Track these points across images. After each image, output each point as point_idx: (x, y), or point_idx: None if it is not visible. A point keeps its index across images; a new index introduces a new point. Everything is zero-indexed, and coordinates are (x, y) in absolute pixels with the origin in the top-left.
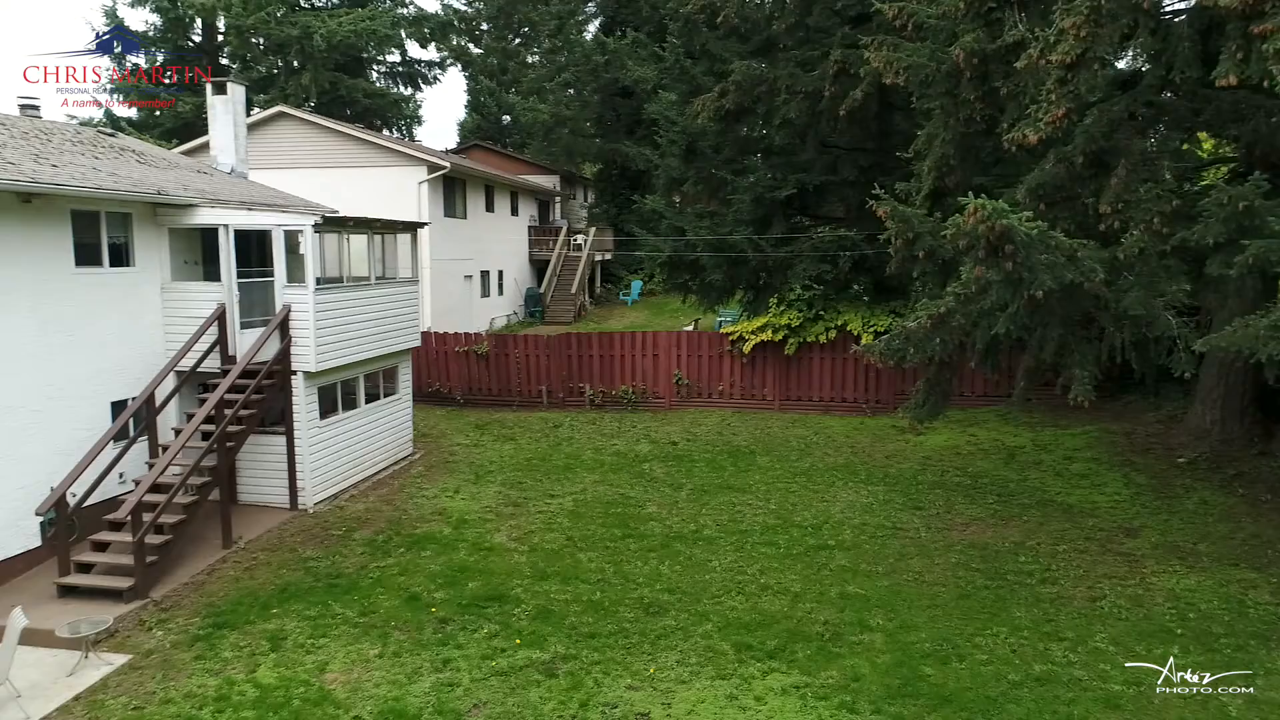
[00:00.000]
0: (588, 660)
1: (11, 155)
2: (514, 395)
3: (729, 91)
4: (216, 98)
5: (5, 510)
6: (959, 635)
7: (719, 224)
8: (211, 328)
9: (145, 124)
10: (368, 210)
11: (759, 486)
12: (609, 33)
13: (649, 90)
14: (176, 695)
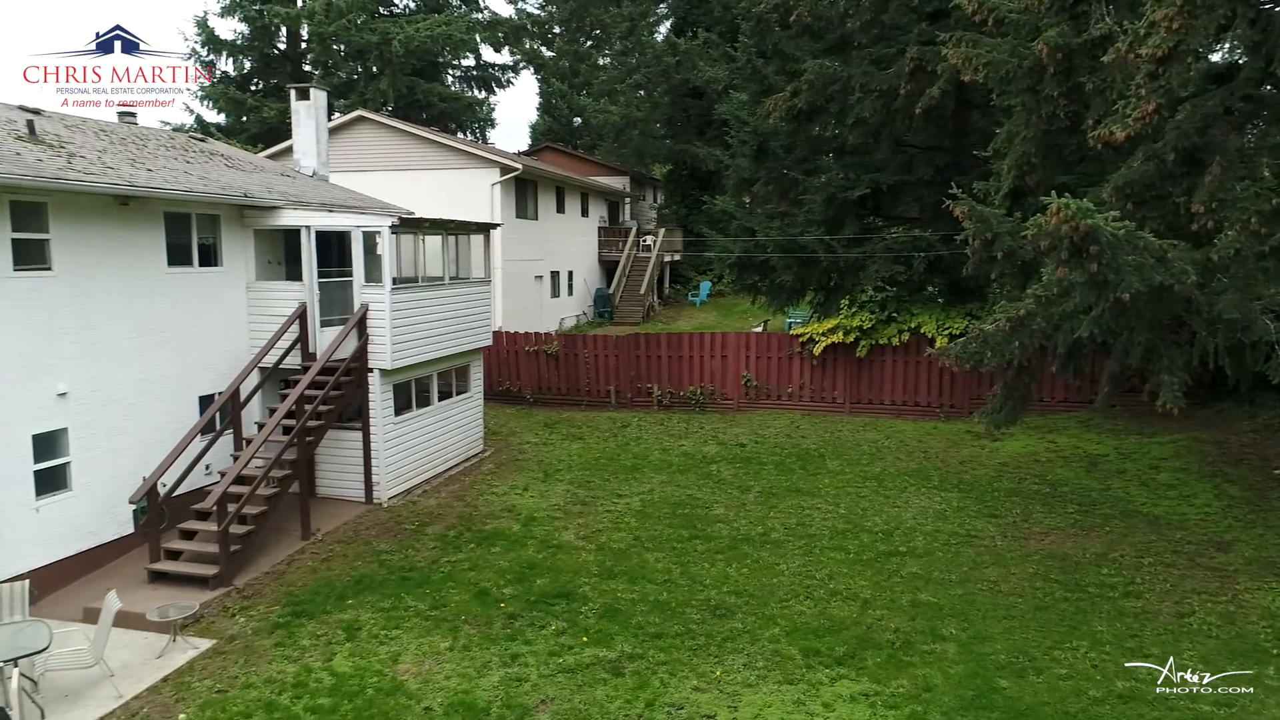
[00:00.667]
0: (654, 660)
1: (111, 160)
2: (583, 395)
3: (801, 91)
4: (300, 103)
5: (101, 498)
6: (1036, 648)
7: (790, 224)
8: (293, 326)
9: (233, 129)
10: (442, 211)
11: (828, 490)
12: (680, 34)
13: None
14: (257, 680)
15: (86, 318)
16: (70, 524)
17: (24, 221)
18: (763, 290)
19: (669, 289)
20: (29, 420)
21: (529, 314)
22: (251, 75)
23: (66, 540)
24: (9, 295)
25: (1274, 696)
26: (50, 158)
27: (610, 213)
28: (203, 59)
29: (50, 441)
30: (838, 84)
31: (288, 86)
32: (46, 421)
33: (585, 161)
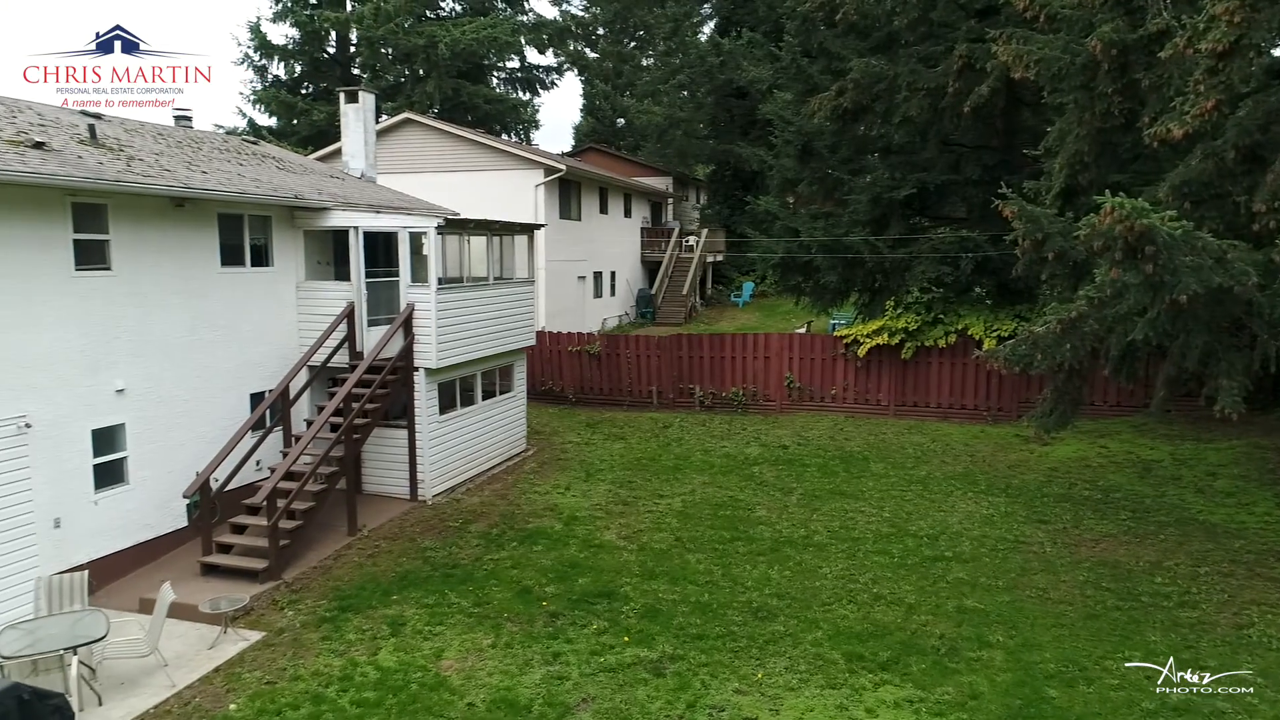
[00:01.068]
0: (695, 661)
1: (168, 163)
2: (624, 395)
3: (847, 90)
4: (349, 106)
5: (157, 492)
6: (1087, 657)
7: (834, 225)
8: (341, 325)
9: (284, 132)
10: (487, 212)
11: (872, 493)
12: (724, 34)
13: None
14: (305, 673)
15: (143, 316)
16: (127, 517)
17: (85, 223)
18: (806, 291)
19: (711, 290)
20: (89, 415)
21: (571, 314)
22: (302, 79)
23: (123, 532)
24: (71, 294)
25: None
26: (110, 160)
27: (653, 213)
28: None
29: (109, 436)
30: (884, 83)
31: (337, 90)
32: (105, 417)
33: (628, 162)
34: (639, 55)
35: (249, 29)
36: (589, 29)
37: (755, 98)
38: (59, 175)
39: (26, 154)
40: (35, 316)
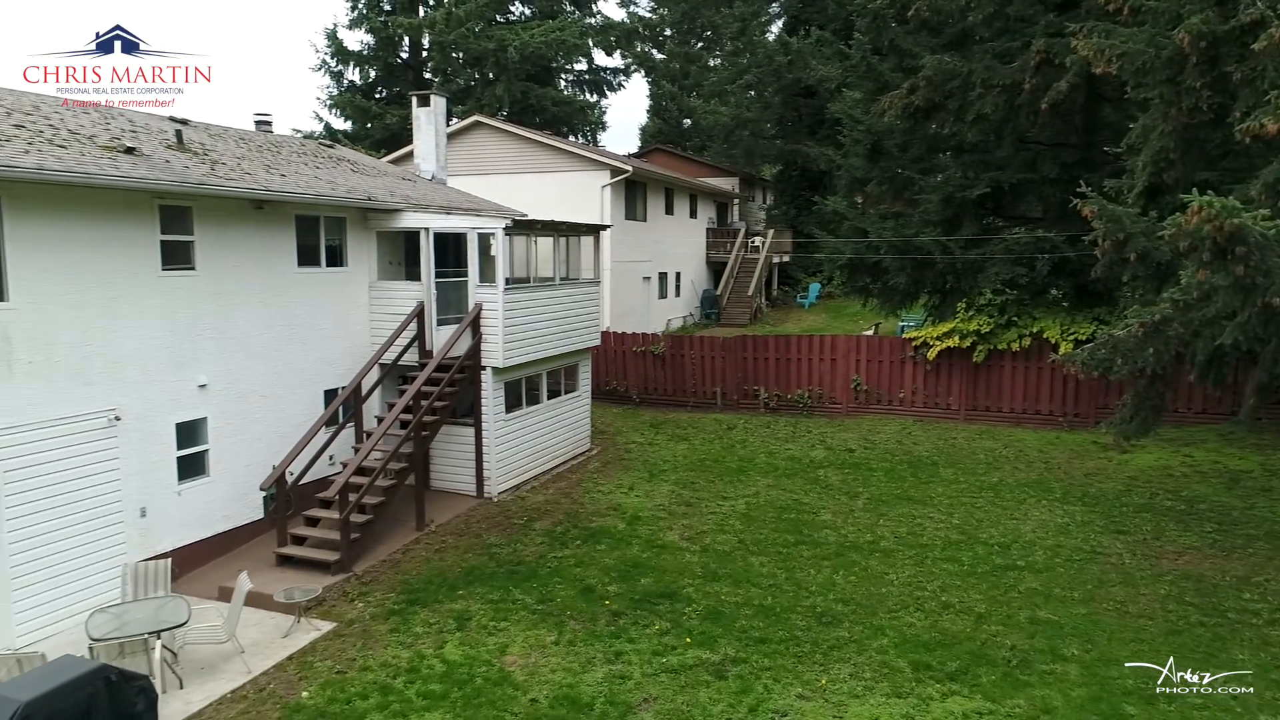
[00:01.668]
0: (758, 665)
1: (249, 166)
2: (688, 396)
3: (919, 87)
4: (420, 109)
5: (235, 484)
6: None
7: (904, 225)
8: (411, 324)
9: (358, 135)
10: (554, 213)
11: (941, 499)
12: (792, 32)
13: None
14: (373, 664)
15: (224, 314)
16: (207, 508)
17: (172, 224)
18: (874, 292)
19: (777, 291)
20: (173, 409)
21: (636, 314)
22: (376, 84)
23: (204, 523)
24: (159, 293)
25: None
26: (195, 164)
27: (719, 214)
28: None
29: (191, 430)
30: (957, 80)
31: (409, 94)
32: (188, 411)
33: (694, 163)
34: (706, 55)
35: (326, 36)
36: (656, 30)
37: (824, 96)
38: (148, 179)
39: (119, 159)
40: (125, 314)
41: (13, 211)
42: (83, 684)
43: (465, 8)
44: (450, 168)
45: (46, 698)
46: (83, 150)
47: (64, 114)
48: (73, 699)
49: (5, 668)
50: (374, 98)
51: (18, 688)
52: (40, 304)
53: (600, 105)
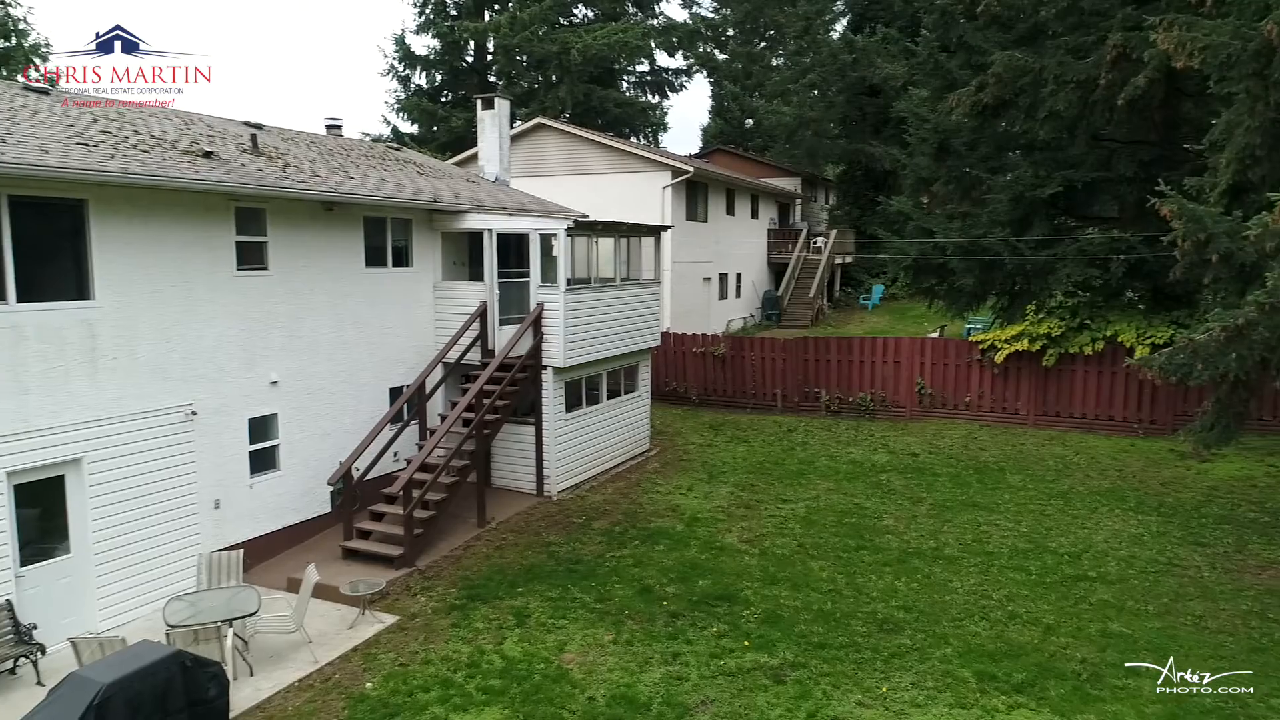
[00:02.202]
0: (816, 670)
1: (320, 169)
2: (748, 397)
3: (988, 84)
4: (485, 112)
5: (304, 478)
6: (1250, 694)
7: (971, 225)
8: (474, 324)
9: (424, 138)
10: (615, 214)
11: (1008, 506)
12: (857, 30)
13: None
14: (435, 657)
15: (295, 313)
16: (277, 501)
17: (246, 226)
18: (940, 294)
19: (839, 292)
20: (246, 405)
21: (696, 315)
22: (442, 88)
23: (274, 515)
24: (234, 292)
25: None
26: (269, 168)
27: (780, 214)
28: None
29: (263, 425)
30: (1029, 76)
31: (474, 97)
32: (260, 407)
33: (756, 163)
34: (769, 55)
35: (394, 41)
36: (719, 30)
37: (889, 95)
38: (225, 182)
39: (198, 163)
40: (202, 313)
41: (99, 214)
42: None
43: (529, 11)
44: (513, 169)
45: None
46: (164, 155)
47: (147, 120)
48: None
49: (89, 650)
50: (440, 101)
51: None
52: (123, 303)
53: (662, 106)
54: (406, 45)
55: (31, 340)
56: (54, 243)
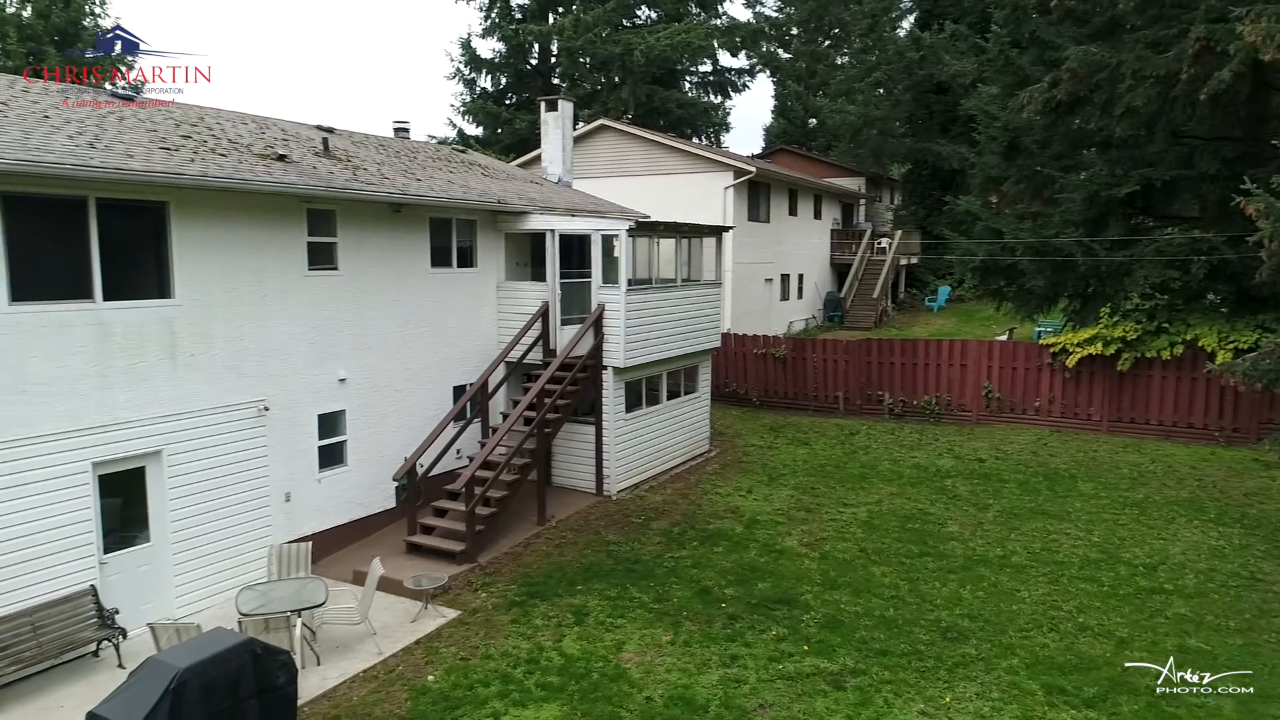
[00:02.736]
0: (877, 678)
1: (388, 172)
2: (809, 400)
3: (1061, 80)
4: (549, 114)
5: (370, 474)
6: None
7: (1043, 225)
8: (536, 323)
9: (488, 140)
10: (677, 215)
11: (1080, 515)
12: (925, 28)
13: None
14: (495, 653)
15: (362, 312)
16: (344, 495)
17: (317, 227)
18: (1009, 296)
19: (904, 293)
20: (315, 402)
21: (757, 316)
22: (506, 91)
23: (341, 509)
24: (305, 291)
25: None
26: (339, 170)
27: (844, 215)
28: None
29: (331, 421)
30: (1105, 71)
31: (538, 99)
32: (329, 403)
33: (819, 163)
34: (833, 54)
35: (460, 45)
36: (782, 29)
37: (957, 93)
38: (298, 184)
39: (272, 166)
40: (274, 312)
41: (179, 216)
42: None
43: (593, 14)
44: (576, 170)
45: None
46: (240, 158)
47: (225, 124)
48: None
49: (166, 635)
50: (504, 104)
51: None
52: (201, 301)
53: (724, 106)
54: (472, 49)
55: (116, 337)
56: (137, 243)
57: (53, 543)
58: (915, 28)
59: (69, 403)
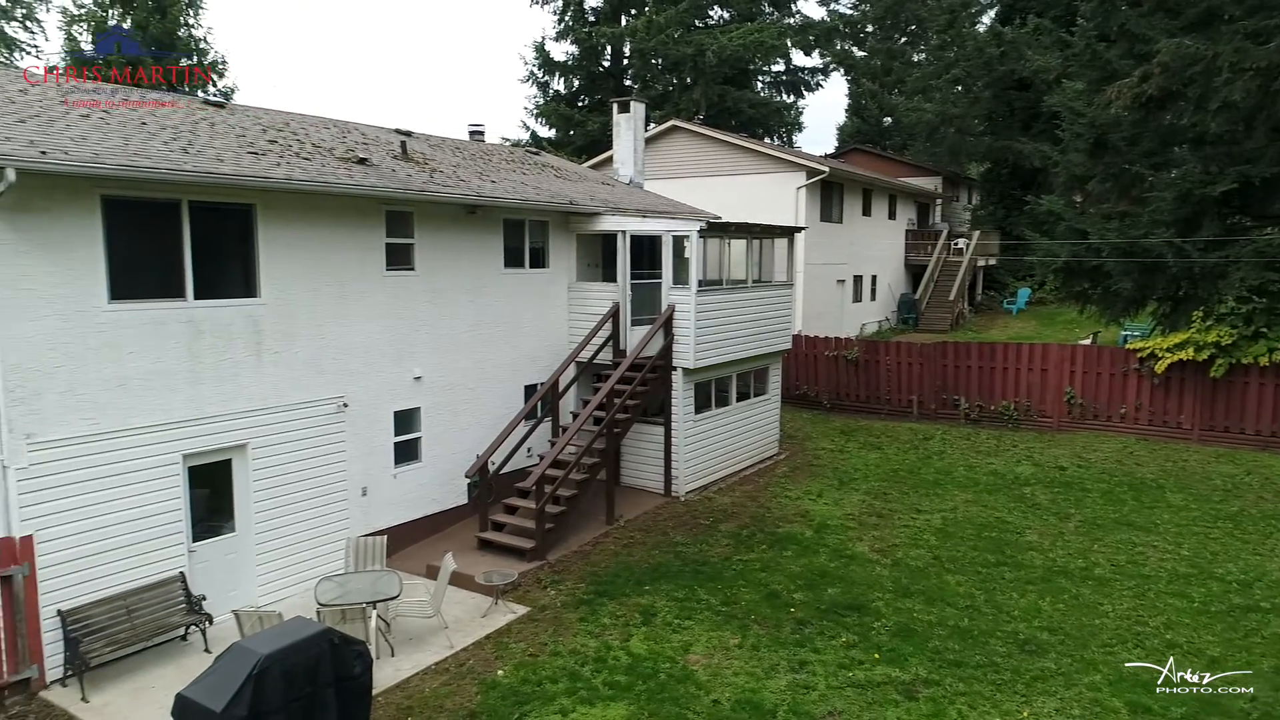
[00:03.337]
0: (951, 689)
1: (463, 174)
2: (882, 403)
3: (1153, 74)
4: (620, 115)
5: (443, 470)
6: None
7: (1131, 225)
8: (606, 324)
9: (561, 142)
10: (748, 215)
11: (1168, 527)
12: (1006, 22)
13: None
14: (563, 650)
15: (438, 312)
16: (418, 491)
17: (395, 228)
18: (1094, 299)
19: (981, 295)
20: (392, 399)
21: (828, 318)
22: (579, 93)
23: (415, 505)
24: (383, 291)
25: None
26: (417, 173)
27: (919, 215)
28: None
29: (407, 418)
30: (1200, 64)
31: (610, 101)
32: (405, 401)
33: (894, 162)
34: (910, 51)
35: (534, 49)
36: (857, 27)
37: (1039, 89)
38: (377, 187)
39: (353, 169)
40: (353, 310)
41: (265, 218)
42: (312, 644)
43: (665, 15)
44: (647, 172)
45: (282, 653)
46: (323, 162)
47: (308, 129)
48: (303, 656)
49: (249, 622)
50: (576, 106)
51: (260, 642)
52: (285, 300)
53: (797, 106)
54: (546, 52)
55: (206, 335)
56: (226, 245)
57: (146, 530)
58: (996, 23)
59: (162, 397)
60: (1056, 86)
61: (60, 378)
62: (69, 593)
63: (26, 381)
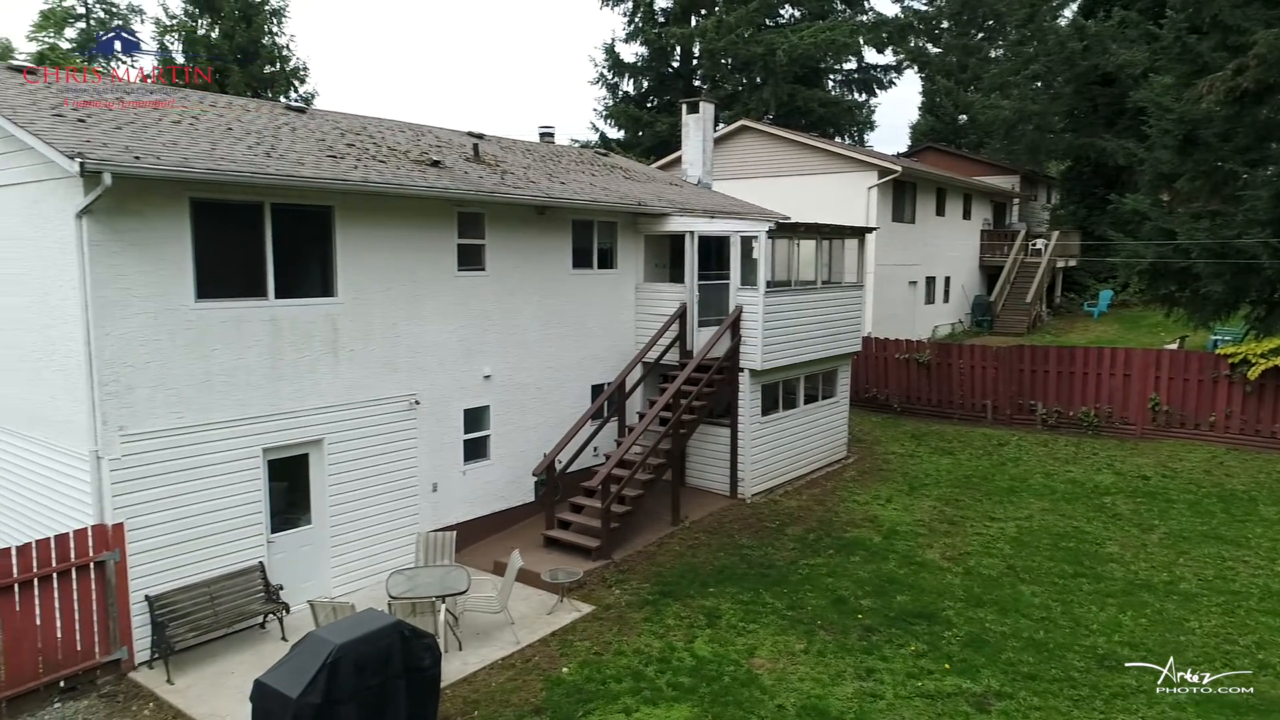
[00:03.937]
0: (1025, 703)
1: (533, 175)
2: (954, 407)
3: (1248, 67)
4: (689, 116)
5: (510, 468)
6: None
7: (1223, 225)
8: (673, 325)
9: (629, 143)
10: (818, 215)
11: (1260, 542)
12: (1089, 15)
13: (1136, 75)
14: (628, 649)
15: (507, 312)
16: (487, 488)
17: (467, 229)
18: (1181, 302)
19: (1060, 298)
20: (462, 397)
21: (899, 320)
22: (648, 94)
23: (483, 501)
24: (455, 290)
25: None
26: (488, 175)
27: (995, 215)
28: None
29: (476, 416)
30: None
31: (679, 101)
32: (474, 399)
33: (969, 161)
34: (987, 47)
35: (604, 50)
36: (932, 23)
37: (1124, 84)
38: (450, 189)
39: (427, 171)
40: (426, 310)
41: (343, 219)
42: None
43: (735, 14)
44: (716, 172)
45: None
46: (399, 164)
47: (385, 132)
48: (375, 647)
49: (324, 613)
50: (645, 107)
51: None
52: (361, 300)
53: (869, 104)
54: (616, 54)
55: (286, 333)
56: (306, 246)
57: (228, 520)
58: (1079, 16)
59: (245, 393)
60: (1143, 81)
61: (150, 373)
62: (156, 579)
63: (120, 376)
